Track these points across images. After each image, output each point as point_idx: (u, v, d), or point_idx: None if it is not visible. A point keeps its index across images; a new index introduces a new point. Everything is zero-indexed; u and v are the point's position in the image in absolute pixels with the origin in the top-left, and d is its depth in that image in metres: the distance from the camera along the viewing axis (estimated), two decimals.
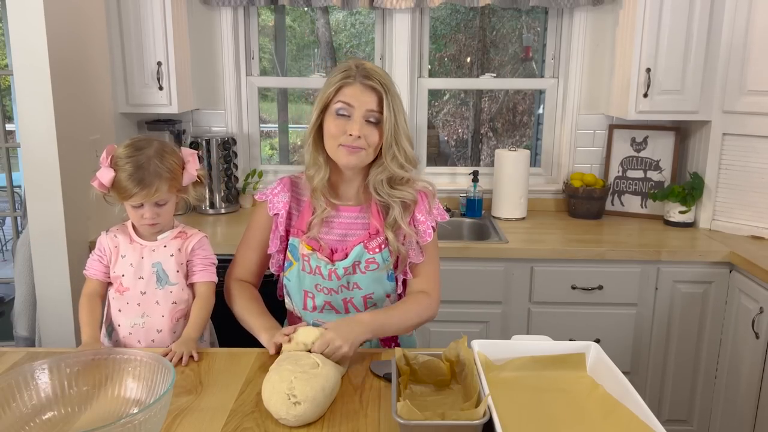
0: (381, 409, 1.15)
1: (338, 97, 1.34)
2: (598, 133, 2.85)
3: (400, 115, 1.36)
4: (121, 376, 1.07)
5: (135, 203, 1.39)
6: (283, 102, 3.56)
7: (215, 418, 1.11)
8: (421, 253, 1.45)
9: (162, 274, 1.45)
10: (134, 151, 1.38)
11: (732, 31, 2.39)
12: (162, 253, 1.46)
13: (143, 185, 1.36)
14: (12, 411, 0.98)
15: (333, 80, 1.35)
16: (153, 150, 1.39)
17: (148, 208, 1.40)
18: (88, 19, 2.29)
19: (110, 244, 1.47)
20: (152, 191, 1.37)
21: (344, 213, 1.45)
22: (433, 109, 4.10)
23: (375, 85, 1.33)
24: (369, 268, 1.42)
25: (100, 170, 1.38)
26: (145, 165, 1.36)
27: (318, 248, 1.42)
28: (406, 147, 1.38)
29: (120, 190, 1.37)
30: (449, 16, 3.72)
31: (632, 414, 1.03)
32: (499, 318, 2.37)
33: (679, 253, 2.29)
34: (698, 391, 2.39)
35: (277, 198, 1.47)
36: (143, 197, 1.37)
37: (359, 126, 1.33)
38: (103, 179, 1.37)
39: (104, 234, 1.50)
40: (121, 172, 1.36)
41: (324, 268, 1.42)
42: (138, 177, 1.35)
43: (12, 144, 2.51)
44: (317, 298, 1.45)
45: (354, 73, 1.34)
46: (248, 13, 2.86)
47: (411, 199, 1.42)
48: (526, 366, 1.21)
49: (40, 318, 2.19)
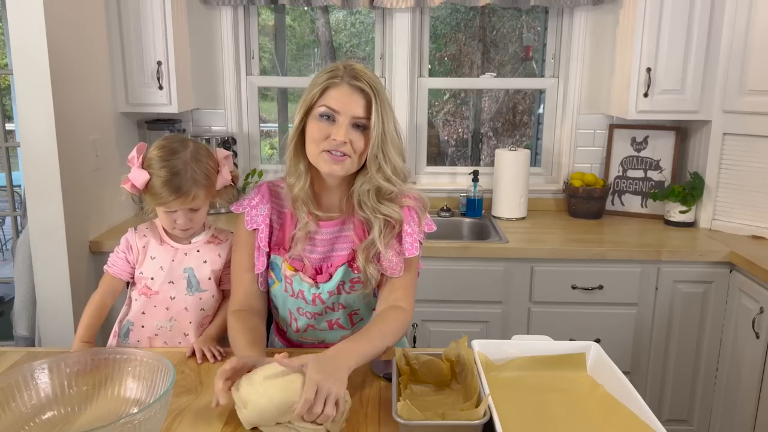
0: (381, 409, 1.15)
1: (323, 100, 1.23)
2: (598, 133, 2.85)
3: (390, 122, 1.25)
4: (121, 376, 1.07)
5: (169, 209, 1.34)
6: (283, 102, 3.56)
7: (215, 418, 1.11)
8: (400, 267, 1.31)
9: (193, 280, 1.41)
10: (169, 154, 1.32)
11: (732, 31, 2.39)
12: (195, 258, 1.41)
13: (179, 193, 1.30)
14: (12, 411, 0.98)
15: (318, 80, 1.25)
16: (189, 154, 1.33)
17: (182, 213, 1.35)
18: (88, 19, 2.29)
19: (138, 243, 1.41)
20: (189, 198, 1.32)
21: (325, 229, 1.35)
22: (433, 108, 4.10)
23: (363, 86, 1.22)
24: (354, 288, 1.35)
25: (133, 171, 1.32)
26: (182, 171, 1.30)
27: (302, 268, 1.34)
28: (394, 158, 1.26)
29: (154, 195, 1.31)
30: (449, 16, 3.71)
31: (632, 414, 1.03)
32: (499, 318, 2.37)
33: (679, 253, 2.29)
34: (698, 391, 2.39)
35: (256, 211, 1.36)
36: (179, 204, 1.32)
37: (345, 130, 1.22)
38: (137, 182, 1.31)
39: (132, 231, 1.44)
40: (156, 178, 1.30)
41: (308, 293, 1.34)
42: (175, 184, 1.30)
43: (12, 144, 2.51)
44: (299, 321, 1.39)
45: (341, 73, 1.24)
46: (248, 12, 2.86)
47: (397, 219, 1.31)
48: (526, 366, 1.21)
49: (40, 318, 2.19)
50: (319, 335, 1.42)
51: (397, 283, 1.32)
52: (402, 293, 1.32)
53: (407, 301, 1.32)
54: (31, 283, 2.19)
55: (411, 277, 1.35)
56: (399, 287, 1.32)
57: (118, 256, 1.43)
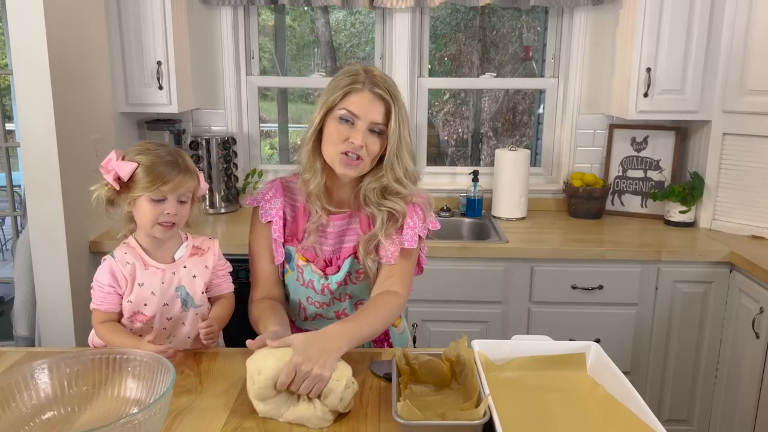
0: (381, 409, 1.15)
1: (344, 103, 1.28)
2: (598, 133, 2.85)
3: (405, 128, 1.31)
4: (121, 376, 1.07)
5: (160, 196, 1.27)
6: (283, 102, 3.55)
7: (215, 418, 1.11)
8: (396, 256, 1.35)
9: (187, 297, 1.37)
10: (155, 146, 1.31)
11: (732, 31, 2.39)
12: (184, 276, 1.37)
13: (172, 175, 1.27)
14: (12, 411, 0.98)
15: (340, 83, 1.29)
16: (172, 148, 1.33)
17: (172, 201, 1.29)
18: (88, 18, 2.29)
19: (123, 271, 1.32)
20: (186, 178, 1.29)
21: (335, 222, 1.40)
22: (433, 108, 4.10)
23: (384, 94, 1.28)
24: (360, 279, 1.40)
25: (115, 164, 1.26)
26: (173, 155, 1.30)
27: (313, 259, 1.39)
28: (407, 161, 1.33)
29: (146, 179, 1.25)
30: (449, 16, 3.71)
31: (632, 414, 1.03)
32: (499, 318, 2.37)
33: (679, 253, 2.29)
34: (698, 391, 2.39)
35: (270, 204, 1.41)
36: (177, 184, 1.28)
37: (362, 135, 1.27)
38: (123, 171, 1.25)
39: (111, 260, 1.33)
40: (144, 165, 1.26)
41: (317, 283, 1.39)
42: (168, 167, 1.27)
43: (12, 144, 2.51)
44: (308, 310, 1.44)
45: (363, 78, 1.28)
46: (248, 12, 2.86)
47: (400, 212, 1.35)
48: (526, 366, 1.21)
49: (39, 318, 2.19)
50: (326, 324, 1.43)
51: (392, 270, 1.36)
52: (397, 279, 1.35)
53: (402, 285, 1.35)
54: (31, 283, 2.19)
55: (407, 264, 1.38)
56: (394, 273, 1.36)
57: (104, 291, 1.32)
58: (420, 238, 1.38)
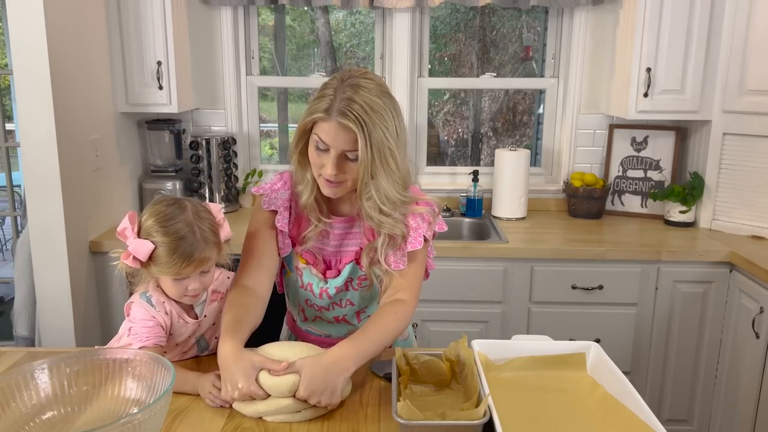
0: (381, 409, 1.15)
1: (316, 129, 1.21)
2: (598, 133, 2.85)
3: (383, 150, 1.19)
4: (121, 376, 1.07)
5: (181, 277, 1.21)
6: (283, 101, 3.56)
7: (215, 418, 1.11)
8: (404, 262, 1.31)
9: (203, 343, 1.37)
10: (167, 219, 1.19)
11: (732, 31, 2.39)
12: (205, 324, 1.34)
13: (191, 258, 1.18)
14: (12, 411, 0.98)
15: (312, 107, 1.21)
16: (190, 214, 1.21)
17: (195, 278, 1.22)
18: (88, 18, 2.29)
19: (164, 321, 1.26)
20: (202, 261, 1.20)
21: (337, 224, 1.36)
22: (433, 108, 4.10)
23: (349, 123, 1.15)
24: (362, 285, 1.36)
25: (132, 243, 1.18)
26: (188, 234, 1.18)
27: (313, 262, 1.36)
28: (385, 187, 1.22)
29: (162, 264, 1.18)
30: (449, 16, 3.71)
31: (632, 414, 1.03)
32: (499, 318, 2.37)
33: (679, 253, 2.29)
34: (698, 391, 2.39)
35: (276, 194, 1.36)
36: (192, 269, 1.20)
37: (333, 164, 1.20)
38: (139, 253, 1.17)
39: (149, 307, 1.25)
40: (161, 246, 1.17)
41: (316, 286, 1.36)
42: (184, 249, 1.17)
43: (12, 144, 2.51)
44: (307, 312, 1.43)
45: (329, 105, 1.17)
46: (248, 12, 2.86)
47: (399, 235, 1.29)
48: (526, 366, 1.21)
49: (39, 318, 2.19)
50: (325, 328, 1.45)
51: (399, 277, 1.31)
52: (404, 286, 1.30)
53: (410, 292, 1.30)
54: (31, 283, 2.19)
55: (415, 269, 1.32)
56: (402, 280, 1.31)
57: (149, 326, 1.24)
58: (426, 240, 1.33)
